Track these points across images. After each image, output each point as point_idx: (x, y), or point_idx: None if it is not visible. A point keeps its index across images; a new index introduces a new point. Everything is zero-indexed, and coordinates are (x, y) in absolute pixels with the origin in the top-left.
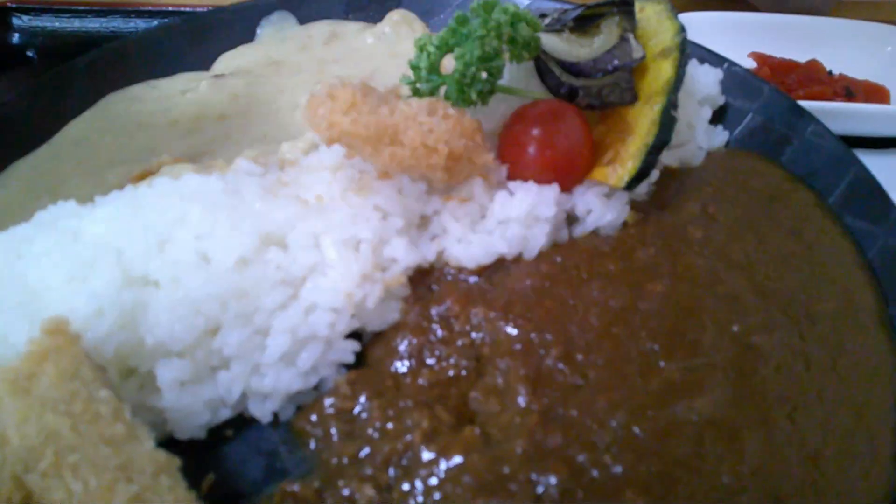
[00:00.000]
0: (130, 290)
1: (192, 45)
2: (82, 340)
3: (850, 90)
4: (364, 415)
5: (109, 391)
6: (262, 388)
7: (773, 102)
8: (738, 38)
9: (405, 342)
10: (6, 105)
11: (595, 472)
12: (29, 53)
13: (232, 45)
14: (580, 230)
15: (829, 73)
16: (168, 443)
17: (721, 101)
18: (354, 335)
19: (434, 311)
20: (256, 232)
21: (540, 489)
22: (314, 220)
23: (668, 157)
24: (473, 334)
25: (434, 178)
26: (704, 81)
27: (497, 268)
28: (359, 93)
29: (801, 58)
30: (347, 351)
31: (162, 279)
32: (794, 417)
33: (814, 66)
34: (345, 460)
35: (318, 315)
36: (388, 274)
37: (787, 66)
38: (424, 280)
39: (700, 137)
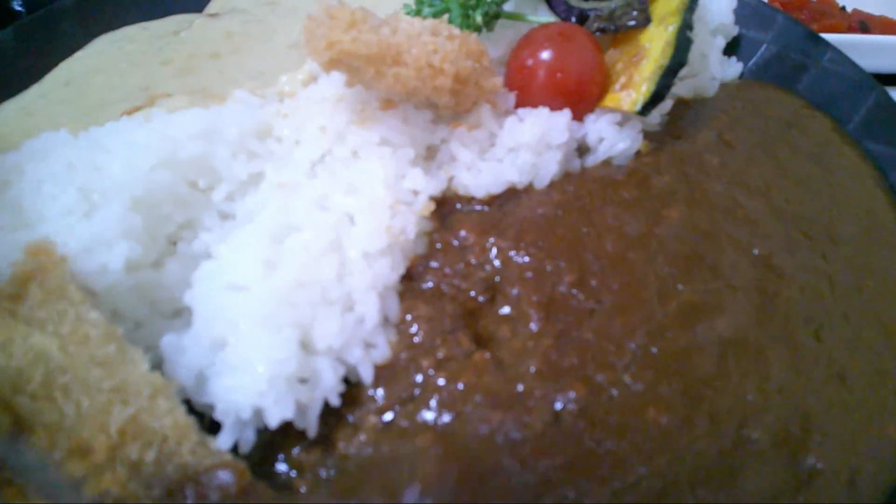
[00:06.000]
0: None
1: None
2: (70, 263)
3: (866, 24)
4: None
5: (99, 313)
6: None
7: (787, 31)
8: None
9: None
10: None
11: (614, 391)
12: (16, 6)
13: None
14: (592, 160)
15: (842, 8)
16: None
17: (734, 31)
18: None
19: (453, 241)
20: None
21: (558, 405)
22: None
23: (681, 88)
24: (486, 266)
25: (440, 102)
26: (717, 10)
27: (508, 197)
28: (359, 12)
29: None
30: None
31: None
32: (819, 336)
33: (826, 0)
34: None
35: (378, 262)
36: (417, 205)
37: (798, 2)
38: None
39: (714, 67)
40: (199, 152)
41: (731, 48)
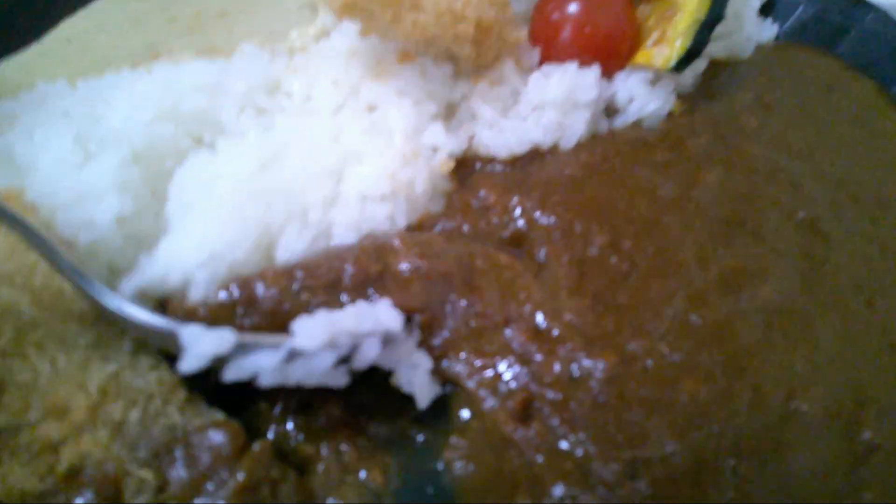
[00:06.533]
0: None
1: None
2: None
3: None
4: None
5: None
6: None
7: None
8: None
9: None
10: None
11: (649, 361)
12: None
13: None
14: (621, 121)
15: None
16: None
17: None
18: None
19: (473, 202)
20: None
21: (576, 372)
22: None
23: (715, 48)
24: (510, 225)
25: (461, 53)
26: None
27: (531, 158)
28: None
29: None
30: None
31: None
32: (872, 304)
33: None
34: None
35: (373, 207)
36: (435, 161)
37: None
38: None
39: (749, 28)
40: (203, 105)
41: (766, 9)
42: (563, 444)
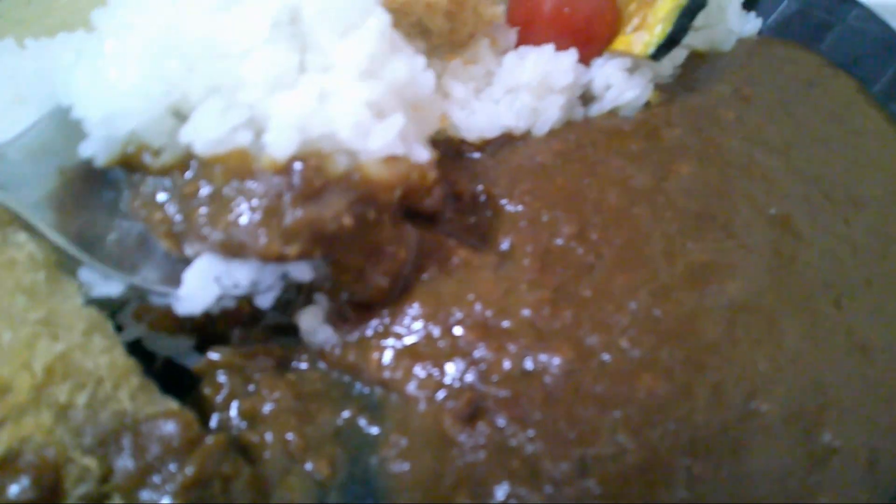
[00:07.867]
0: None
1: None
2: None
3: None
4: None
5: (29, 236)
6: None
7: None
8: None
9: None
10: None
11: (606, 356)
12: None
13: None
14: (597, 109)
15: None
16: None
17: None
18: None
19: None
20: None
21: (529, 365)
22: None
23: (695, 39)
24: (476, 213)
25: (434, 25)
26: None
27: (502, 144)
28: None
29: None
30: None
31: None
32: (840, 304)
33: None
34: None
35: (337, 104)
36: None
37: None
38: None
39: (731, 20)
40: None
41: (751, 3)
42: (511, 443)
